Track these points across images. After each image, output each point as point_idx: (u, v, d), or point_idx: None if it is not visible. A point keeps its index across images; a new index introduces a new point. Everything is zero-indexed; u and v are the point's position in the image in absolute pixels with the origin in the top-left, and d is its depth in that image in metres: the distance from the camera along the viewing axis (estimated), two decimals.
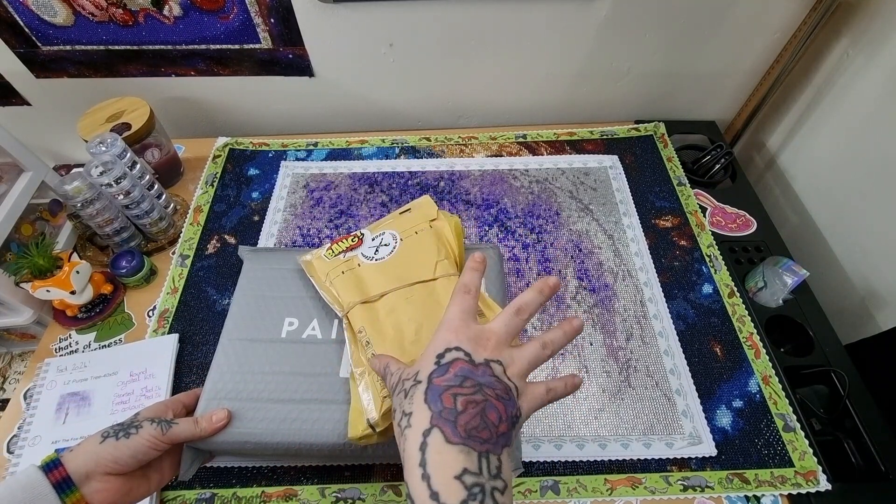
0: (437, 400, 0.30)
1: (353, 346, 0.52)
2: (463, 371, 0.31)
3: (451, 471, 0.28)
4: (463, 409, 0.29)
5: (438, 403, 0.30)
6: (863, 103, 0.75)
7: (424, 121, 1.00)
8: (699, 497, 0.55)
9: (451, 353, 0.33)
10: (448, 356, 0.33)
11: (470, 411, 0.29)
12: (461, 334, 0.34)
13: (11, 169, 0.73)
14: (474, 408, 0.29)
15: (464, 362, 0.32)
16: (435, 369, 0.32)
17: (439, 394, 0.30)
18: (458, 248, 0.58)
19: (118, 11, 0.78)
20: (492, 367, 0.32)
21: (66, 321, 0.69)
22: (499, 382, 0.32)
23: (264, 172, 0.88)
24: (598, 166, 0.88)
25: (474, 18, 0.81)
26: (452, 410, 0.29)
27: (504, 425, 0.30)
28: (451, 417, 0.29)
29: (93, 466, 0.40)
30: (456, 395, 0.30)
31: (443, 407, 0.30)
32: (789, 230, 0.86)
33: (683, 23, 0.82)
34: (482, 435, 0.29)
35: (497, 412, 0.30)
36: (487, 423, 0.29)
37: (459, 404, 0.29)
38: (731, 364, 0.65)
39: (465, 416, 0.29)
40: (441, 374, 0.31)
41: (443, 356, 0.33)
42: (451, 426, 0.29)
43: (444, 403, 0.30)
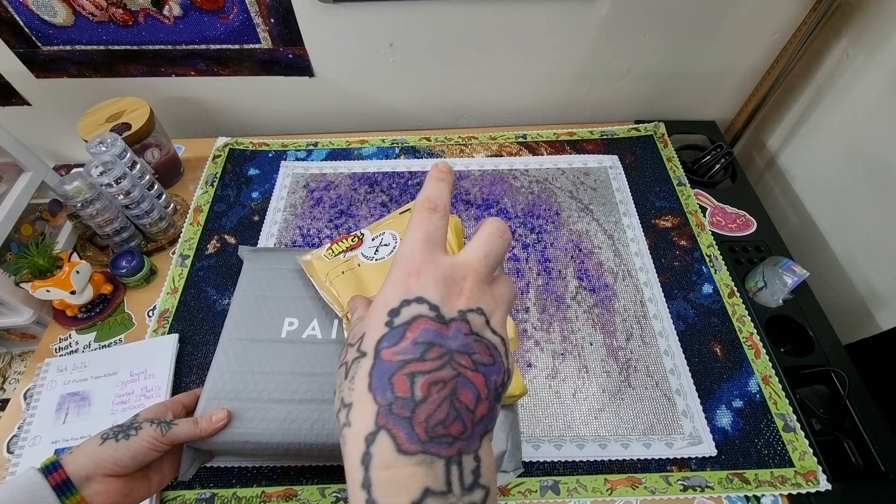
0: (386, 386, 0.21)
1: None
2: (426, 335, 0.22)
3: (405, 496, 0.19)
4: (424, 396, 0.20)
5: (387, 392, 0.21)
6: (863, 103, 0.75)
7: (424, 121, 1.00)
8: (699, 497, 0.55)
9: (408, 308, 0.22)
10: (405, 312, 0.22)
11: (434, 398, 0.20)
12: (425, 275, 0.23)
13: (11, 169, 0.73)
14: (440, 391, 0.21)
15: (428, 320, 0.22)
16: (385, 334, 0.22)
17: (389, 375, 0.21)
18: (458, 248, 0.58)
19: (118, 11, 0.78)
20: (469, 320, 0.23)
21: (66, 321, 0.69)
22: (478, 342, 0.22)
23: (264, 172, 0.88)
24: (598, 166, 0.88)
25: (474, 18, 0.81)
26: (408, 400, 0.20)
27: (484, 405, 0.22)
28: (406, 412, 0.20)
29: (93, 468, 0.40)
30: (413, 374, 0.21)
31: (393, 397, 0.20)
32: (789, 230, 0.86)
33: (683, 23, 0.82)
34: (452, 430, 0.20)
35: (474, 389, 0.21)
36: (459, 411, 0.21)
37: (419, 389, 0.20)
38: (731, 364, 0.65)
39: (426, 407, 0.20)
40: (393, 341, 0.22)
41: (397, 312, 0.22)
42: (406, 426, 0.20)
43: (395, 391, 0.21)
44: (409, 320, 0.22)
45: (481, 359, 0.22)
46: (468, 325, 0.23)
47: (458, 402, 0.21)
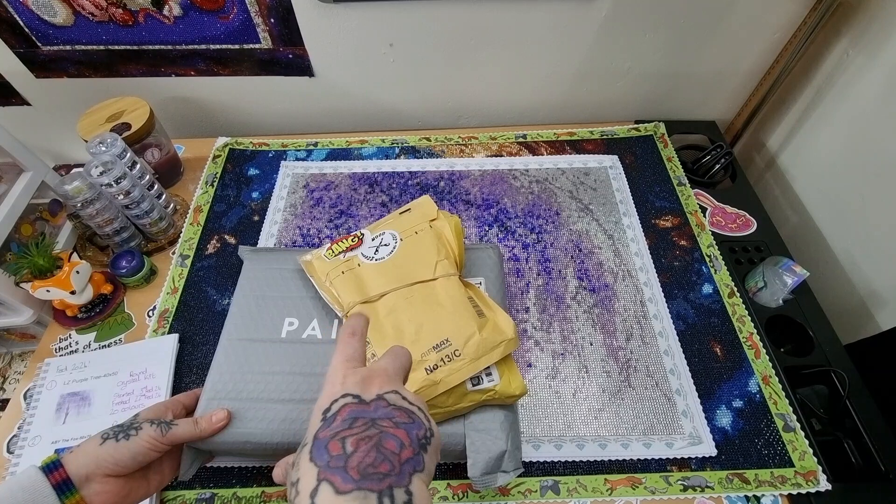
0: (323, 452, 0.26)
1: None
2: (352, 413, 0.28)
3: None
4: (354, 449, 0.25)
5: (325, 455, 0.26)
6: (863, 103, 0.75)
7: (424, 121, 1.00)
8: (699, 497, 0.55)
9: (337, 403, 0.29)
10: (334, 406, 0.29)
11: (363, 448, 0.25)
12: (347, 381, 0.30)
13: (11, 169, 0.73)
14: (367, 443, 0.26)
15: (353, 405, 0.29)
16: (321, 426, 0.28)
17: (325, 444, 0.26)
18: (458, 248, 0.58)
19: (118, 11, 0.78)
20: (386, 398, 0.29)
21: (66, 321, 0.69)
22: (397, 410, 0.29)
23: (264, 172, 0.88)
24: (598, 166, 0.88)
25: (474, 18, 0.81)
26: (341, 456, 0.25)
27: (408, 450, 0.27)
28: (341, 463, 0.25)
29: (93, 468, 0.40)
30: (344, 438, 0.26)
31: (330, 457, 0.25)
32: (789, 230, 0.86)
33: (683, 23, 0.82)
34: (381, 469, 0.25)
35: (397, 439, 0.27)
36: (386, 455, 0.26)
37: (349, 445, 0.26)
38: (731, 364, 0.65)
39: (357, 456, 0.25)
40: (327, 426, 0.27)
41: (329, 409, 0.29)
42: (342, 473, 0.24)
43: (331, 453, 0.26)
44: (338, 409, 0.28)
45: (401, 419, 0.28)
46: (386, 402, 0.29)
47: (384, 448, 0.26)
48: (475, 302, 0.54)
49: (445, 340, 0.49)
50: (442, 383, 0.47)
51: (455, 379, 0.48)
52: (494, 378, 0.50)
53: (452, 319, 0.51)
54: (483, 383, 0.50)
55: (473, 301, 0.54)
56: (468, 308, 0.52)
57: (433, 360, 0.48)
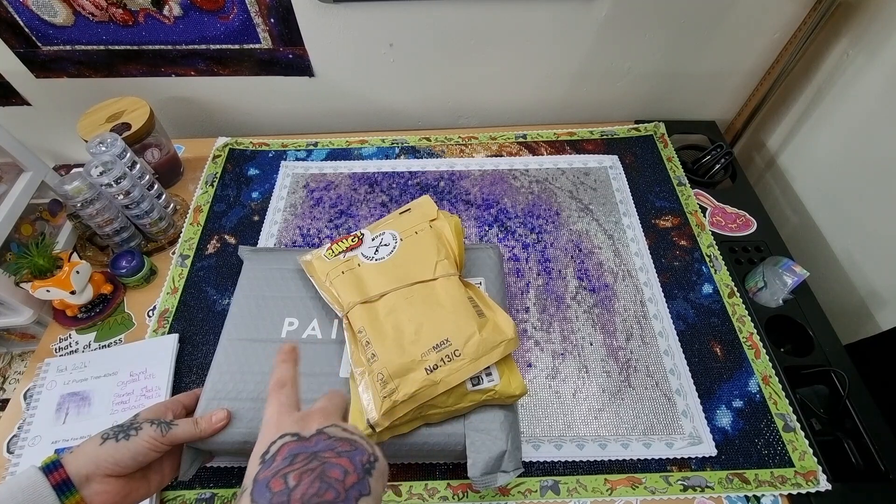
0: (265, 491, 0.26)
1: (353, 346, 0.52)
2: (292, 451, 0.28)
3: None
4: (297, 483, 0.26)
5: (266, 494, 0.26)
6: (863, 103, 0.75)
7: (424, 121, 1.00)
8: (699, 497, 0.55)
9: (275, 445, 0.29)
10: (272, 448, 0.29)
11: (306, 481, 0.26)
12: (283, 424, 0.31)
13: (11, 169, 0.73)
14: (310, 475, 0.26)
15: (291, 443, 0.29)
16: (260, 468, 0.28)
17: (266, 483, 0.26)
18: (458, 248, 0.58)
19: (118, 11, 0.78)
20: (326, 431, 0.30)
21: (66, 321, 0.69)
22: (338, 441, 0.29)
23: (264, 172, 0.88)
24: (598, 166, 0.88)
25: (474, 18, 0.81)
26: (284, 491, 0.25)
27: (353, 476, 0.27)
28: (284, 498, 0.25)
29: (93, 468, 0.40)
30: (286, 474, 0.26)
31: (272, 494, 0.26)
32: (789, 230, 0.86)
33: (683, 23, 0.82)
34: (327, 497, 0.25)
35: (340, 468, 0.27)
36: (330, 483, 0.26)
37: (291, 480, 0.26)
38: (731, 364, 0.65)
39: (300, 489, 0.25)
40: (266, 467, 0.28)
41: (267, 451, 0.29)
42: None
43: (272, 490, 0.26)
44: (277, 450, 0.28)
45: (343, 448, 0.28)
46: (326, 435, 0.29)
47: (328, 477, 0.26)
48: (475, 302, 0.54)
49: (445, 340, 0.49)
50: (442, 383, 0.47)
51: (455, 379, 0.48)
52: (494, 378, 0.50)
53: (452, 319, 0.51)
54: (483, 383, 0.50)
55: (473, 301, 0.54)
56: (468, 308, 0.52)
57: (433, 360, 0.48)
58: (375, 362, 0.49)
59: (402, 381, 0.47)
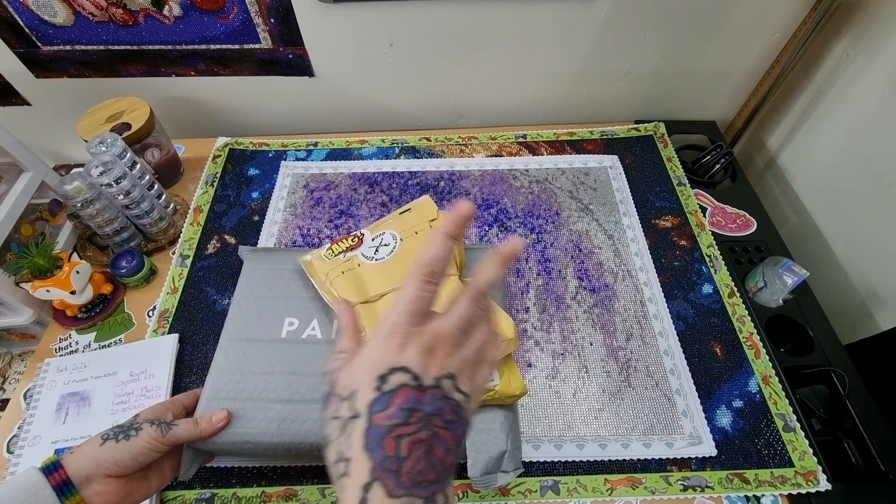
0: (379, 447, 0.26)
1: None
2: (409, 402, 0.27)
3: None
4: (407, 454, 0.25)
5: (380, 452, 0.25)
6: (863, 103, 0.75)
7: (424, 121, 1.00)
8: (699, 497, 0.55)
9: (395, 376, 0.27)
10: (392, 379, 0.27)
11: (415, 454, 0.26)
12: (410, 346, 0.28)
13: (11, 169, 0.73)
14: (420, 449, 0.26)
15: (409, 390, 0.27)
16: (376, 398, 0.27)
17: (381, 438, 0.26)
18: (458, 249, 0.58)
19: (118, 11, 0.78)
20: (442, 385, 0.28)
21: (66, 321, 0.69)
22: (447, 402, 0.28)
23: (264, 172, 0.88)
24: (598, 166, 0.88)
25: (474, 18, 0.81)
26: (395, 458, 0.25)
27: (451, 455, 0.27)
28: (395, 467, 0.25)
29: (93, 469, 0.40)
30: (400, 437, 0.26)
31: (384, 456, 0.25)
32: (789, 230, 0.86)
33: (683, 23, 0.82)
34: (429, 477, 0.26)
35: (444, 444, 0.27)
36: (434, 464, 0.26)
37: (404, 448, 0.26)
38: (731, 364, 0.65)
39: (409, 462, 0.25)
40: (382, 407, 0.26)
41: (385, 379, 0.27)
42: (394, 477, 0.25)
43: (386, 451, 0.25)
44: (395, 388, 0.27)
45: (450, 417, 0.28)
46: (440, 391, 0.28)
47: (433, 457, 0.26)
48: None
49: None
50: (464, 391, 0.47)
51: None
52: (494, 378, 0.50)
53: None
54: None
55: None
56: None
57: None
58: None
59: None
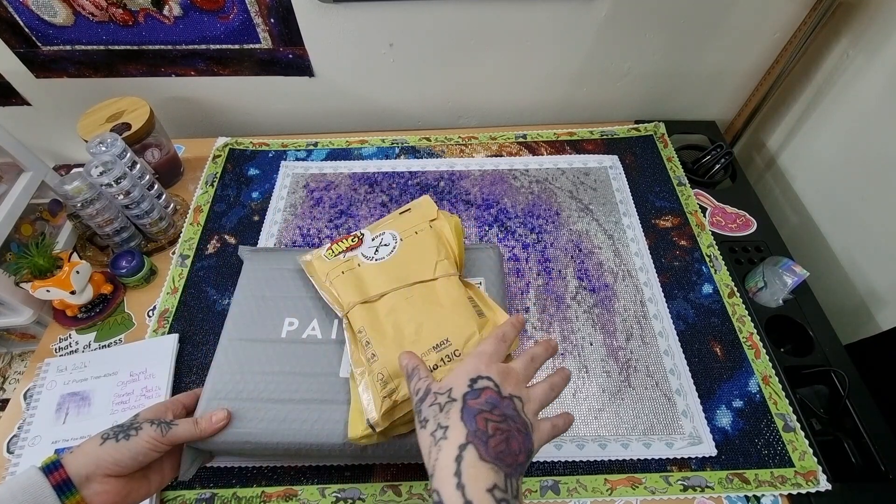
0: (472, 420, 0.32)
1: (353, 346, 0.52)
2: (492, 399, 0.34)
3: (483, 484, 0.30)
4: (493, 434, 0.32)
5: (473, 423, 0.32)
6: (863, 103, 0.75)
7: (424, 121, 1.00)
8: (699, 497, 0.55)
9: (482, 381, 0.35)
10: (480, 382, 0.35)
11: (498, 436, 0.32)
12: (491, 366, 0.37)
13: (11, 169, 0.73)
14: (501, 434, 0.32)
15: (493, 392, 0.35)
16: (469, 391, 0.34)
17: (474, 415, 0.33)
18: (458, 248, 0.58)
19: (118, 11, 0.78)
20: (514, 401, 0.35)
21: (66, 321, 0.69)
22: (519, 416, 0.34)
23: (264, 172, 0.88)
24: (598, 166, 0.88)
25: (474, 18, 0.81)
26: (484, 433, 0.32)
27: (522, 455, 0.33)
28: (484, 438, 0.31)
29: (93, 468, 0.40)
30: (487, 419, 0.32)
31: (476, 427, 0.32)
32: (789, 230, 0.86)
33: (683, 23, 0.82)
34: (507, 460, 0.31)
35: (518, 442, 0.33)
36: (510, 451, 0.32)
37: (490, 428, 0.32)
38: (731, 364, 0.65)
39: (494, 440, 0.31)
40: (475, 397, 0.34)
41: (475, 381, 0.35)
42: (484, 446, 0.31)
43: (477, 424, 0.32)
44: (482, 388, 0.35)
45: (521, 427, 0.34)
46: (513, 404, 0.35)
47: (510, 446, 0.32)
48: (475, 302, 0.54)
49: (445, 340, 0.49)
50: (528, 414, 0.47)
51: None
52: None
53: (452, 319, 0.51)
54: None
55: (473, 301, 0.54)
56: (468, 308, 0.52)
57: (433, 360, 0.48)
58: (375, 362, 0.49)
59: (403, 381, 0.47)
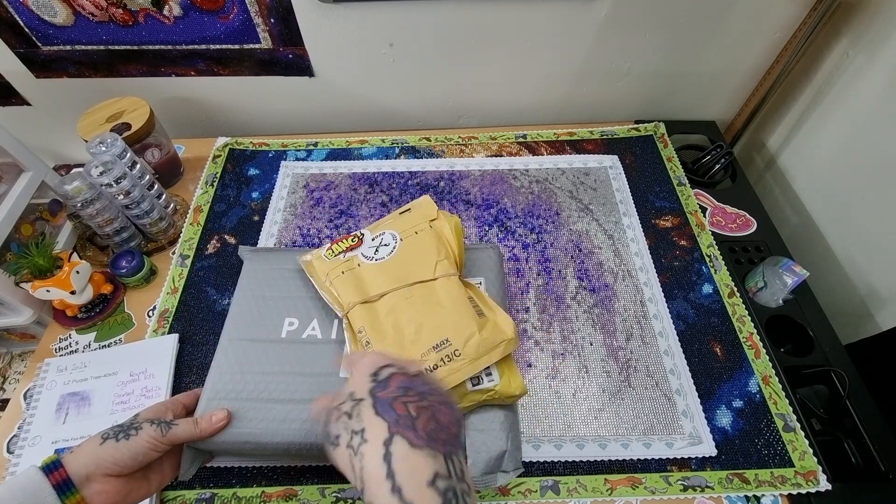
0: (390, 410, 0.29)
1: (352, 346, 0.52)
2: (403, 383, 0.32)
3: (422, 477, 0.27)
4: (417, 415, 0.29)
5: (392, 413, 0.29)
6: (863, 103, 0.75)
7: (424, 121, 1.00)
8: (699, 497, 0.55)
9: (384, 370, 0.33)
10: (383, 372, 0.33)
11: (424, 416, 0.29)
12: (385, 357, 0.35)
13: (11, 169, 0.73)
14: (426, 412, 0.30)
15: (401, 375, 0.32)
16: (374, 386, 0.32)
17: (389, 403, 0.30)
18: (457, 248, 0.58)
19: (118, 11, 0.78)
20: (424, 375, 0.33)
21: (66, 321, 0.69)
22: (436, 388, 0.33)
23: (264, 172, 0.88)
24: (598, 166, 0.88)
25: (474, 18, 0.81)
26: (408, 417, 0.29)
27: (454, 426, 0.31)
28: (410, 423, 0.29)
29: (93, 468, 0.40)
30: (406, 402, 0.30)
31: (398, 415, 0.29)
32: (789, 230, 0.86)
33: (683, 23, 0.82)
34: (441, 437, 0.29)
35: (446, 415, 0.31)
36: (442, 426, 0.30)
37: (413, 409, 0.29)
38: (731, 364, 0.65)
39: (421, 421, 0.29)
40: (383, 388, 0.31)
41: (377, 374, 0.32)
42: (412, 431, 0.28)
43: (397, 412, 0.29)
44: (388, 376, 0.32)
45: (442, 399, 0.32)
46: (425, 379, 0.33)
47: (439, 420, 0.30)
48: (475, 302, 0.54)
49: (445, 340, 0.49)
50: (442, 383, 0.47)
51: (455, 379, 0.48)
52: (494, 378, 0.50)
53: (452, 319, 0.51)
54: (483, 383, 0.50)
55: (473, 301, 0.54)
56: (468, 308, 0.52)
57: (433, 360, 0.48)
58: None
59: None
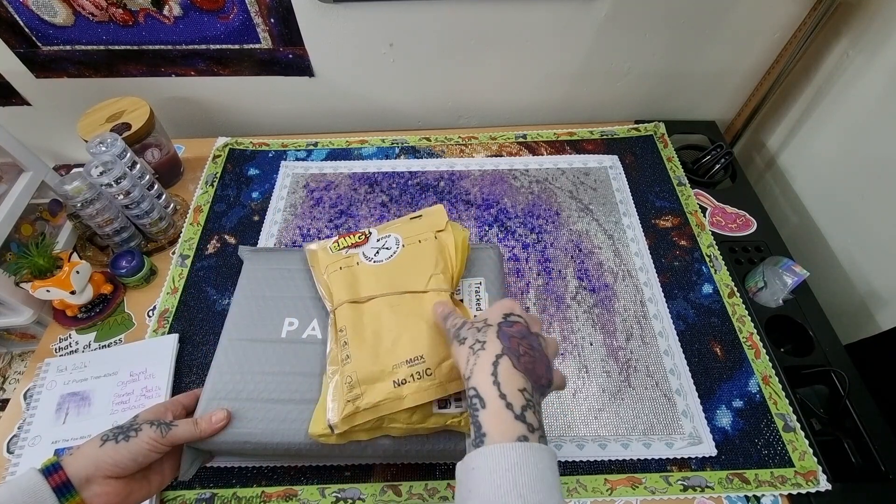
0: (507, 339, 0.38)
1: (333, 343, 0.52)
2: (522, 331, 0.40)
3: (515, 384, 0.36)
4: (523, 353, 0.38)
5: (507, 341, 0.38)
6: (863, 103, 0.75)
7: (424, 121, 1.00)
8: (699, 497, 0.55)
9: (514, 317, 0.41)
10: (512, 317, 0.41)
11: (527, 357, 0.38)
12: (520, 309, 0.42)
13: (11, 169, 0.73)
14: (529, 356, 0.38)
15: (523, 326, 0.40)
16: (503, 321, 0.40)
17: (508, 336, 0.38)
18: (458, 265, 0.57)
19: (118, 11, 0.78)
20: (539, 338, 0.41)
21: (66, 321, 0.69)
22: (542, 351, 0.40)
23: (264, 172, 0.88)
24: (598, 166, 0.88)
25: (474, 18, 0.81)
26: (516, 351, 0.38)
27: (544, 379, 0.38)
28: (516, 354, 0.37)
29: (93, 470, 0.40)
30: (519, 343, 0.38)
31: (510, 345, 0.38)
32: (789, 230, 0.86)
33: (683, 23, 0.82)
34: (533, 376, 0.37)
35: (542, 368, 0.38)
36: (536, 372, 0.38)
37: (521, 349, 0.38)
38: (731, 364, 0.65)
39: (524, 359, 0.37)
40: (508, 325, 0.40)
41: (509, 315, 0.41)
42: (517, 358, 0.37)
43: (510, 344, 0.38)
44: (514, 321, 0.41)
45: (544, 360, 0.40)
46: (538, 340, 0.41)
47: (536, 368, 0.38)
48: None
49: (420, 357, 0.48)
50: (407, 399, 0.46)
51: (420, 398, 0.46)
52: (462, 406, 0.48)
53: (431, 337, 0.49)
54: (450, 408, 0.48)
55: None
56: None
57: (403, 374, 0.47)
58: (348, 364, 0.48)
59: (369, 389, 0.47)
